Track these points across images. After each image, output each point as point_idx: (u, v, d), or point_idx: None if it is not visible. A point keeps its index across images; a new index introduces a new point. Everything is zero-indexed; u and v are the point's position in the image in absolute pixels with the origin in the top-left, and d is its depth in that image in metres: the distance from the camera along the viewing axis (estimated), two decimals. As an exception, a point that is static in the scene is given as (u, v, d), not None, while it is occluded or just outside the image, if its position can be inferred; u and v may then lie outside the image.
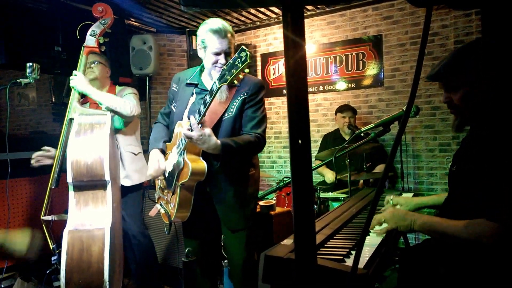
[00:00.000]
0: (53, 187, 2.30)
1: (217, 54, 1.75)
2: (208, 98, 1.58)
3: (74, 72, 2.32)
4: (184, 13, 4.05)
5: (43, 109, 5.36)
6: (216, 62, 1.77)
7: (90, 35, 2.33)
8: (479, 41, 1.33)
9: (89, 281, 1.82)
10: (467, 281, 1.17)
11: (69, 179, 1.92)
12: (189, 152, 1.72)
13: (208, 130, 1.60)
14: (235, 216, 1.87)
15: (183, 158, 1.72)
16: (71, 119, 2.20)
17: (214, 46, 1.75)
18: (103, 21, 2.35)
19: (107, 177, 1.97)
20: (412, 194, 2.09)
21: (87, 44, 2.33)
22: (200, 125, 1.61)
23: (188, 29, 4.52)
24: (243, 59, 1.43)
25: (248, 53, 1.43)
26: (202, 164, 1.71)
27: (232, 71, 1.46)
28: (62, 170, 2.33)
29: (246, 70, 1.47)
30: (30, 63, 2.21)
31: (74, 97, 2.29)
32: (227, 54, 1.76)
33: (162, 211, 1.94)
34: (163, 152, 1.92)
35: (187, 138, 1.63)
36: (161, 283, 3.00)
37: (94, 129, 2.06)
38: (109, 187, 2.00)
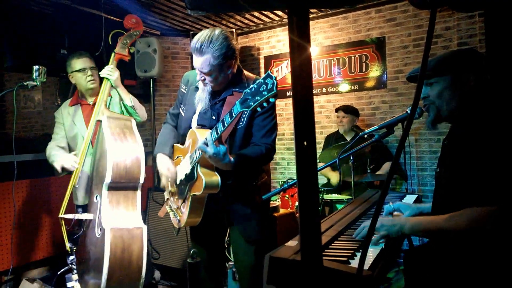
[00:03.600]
0: (77, 186, 2.36)
1: (198, 69, 1.70)
2: (227, 119, 1.50)
3: (110, 65, 2.43)
4: (188, 16, 4.07)
5: (48, 111, 5.39)
6: (199, 74, 1.72)
7: (123, 43, 2.49)
8: (468, 49, 1.45)
9: (129, 277, 1.93)
10: (469, 277, 1.18)
11: (108, 180, 2.00)
12: (202, 164, 1.66)
13: (223, 148, 1.54)
14: (252, 228, 1.84)
15: (196, 171, 1.67)
16: (98, 121, 2.27)
17: (194, 62, 1.70)
18: (135, 32, 2.52)
19: (142, 180, 2.09)
20: (415, 196, 2.09)
21: (119, 52, 2.48)
22: (216, 141, 1.56)
23: (192, 32, 4.54)
24: (269, 87, 1.30)
25: (275, 81, 1.29)
26: (216, 178, 1.66)
27: (257, 98, 1.34)
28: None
29: (272, 99, 1.32)
30: (37, 66, 2.22)
31: (102, 100, 2.35)
32: (203, 72, 1.68)
33: (172, 215, 1.91)
34: (170, 158, 1.89)
35: (201, 151, 1.59)
36: (165, 284, 3.01)
37: (126, 133, 2.16)
38: (139, 188, 2.12)
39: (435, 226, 1.21)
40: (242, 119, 1.73)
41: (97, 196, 2.09)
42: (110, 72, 2.39)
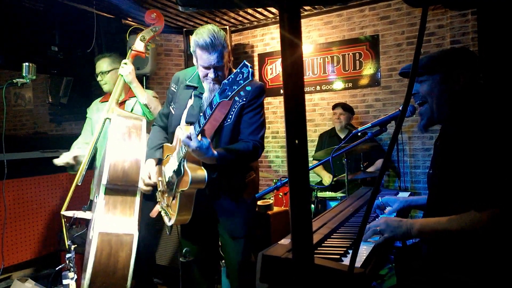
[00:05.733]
0: (79, 184, 2.32)
1: (207, 68, 1.73)
2: (208, 111, 1.53)
3: (124, 61, 2.34)
4: (181, 12, 4.04)
5: (39, 109, 5.34)
6: (206, 75, 1.74)
7: (140, 40, 2.37)
8: (458, 48, 1.43)
9: (112, 285, 1.84)
10: (463, 274, 1.18)
11: (104, 181, 1.94)
12: (189, 160, 1.67)
13: (206, 142, 1.56)
14: (237, 224, 1.85)
15: (183, 166, 1.68)
16: (107, 119, 2.22)
17: (202, 61, 1.72)
18: (154, 28, 2.39)
19: (141, 184, 1.98)
20: (408, 193, 2.10)
21: (136, 48, 2.37)
22: (199, 135, 1.58)
23: (185, 29, 4.51)
24: (244, 76, 1.38)
25: (250, 70, 1.37)
26: (203, 173, 1.67)
27: (234, 87, 1.41)
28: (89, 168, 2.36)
29: (248, 88, 1.41)
30: (27, 63, 2.19)
31: (113, 98, 2.31)
32: (217, 68, 1.72)
33: (163, 213, 1.91)
34: (160, 160, 1.92)
35: (185, 146, 1.60)
36: (155, 282, 3.00)
37: (132, 134, 2.08)
38: (139, 193, 2.03)
39: (443, 227, 1.17)
40: (230, 117, 1.74)
41: (97, 196, 2.06)
42: (122, 67, 2.32)
